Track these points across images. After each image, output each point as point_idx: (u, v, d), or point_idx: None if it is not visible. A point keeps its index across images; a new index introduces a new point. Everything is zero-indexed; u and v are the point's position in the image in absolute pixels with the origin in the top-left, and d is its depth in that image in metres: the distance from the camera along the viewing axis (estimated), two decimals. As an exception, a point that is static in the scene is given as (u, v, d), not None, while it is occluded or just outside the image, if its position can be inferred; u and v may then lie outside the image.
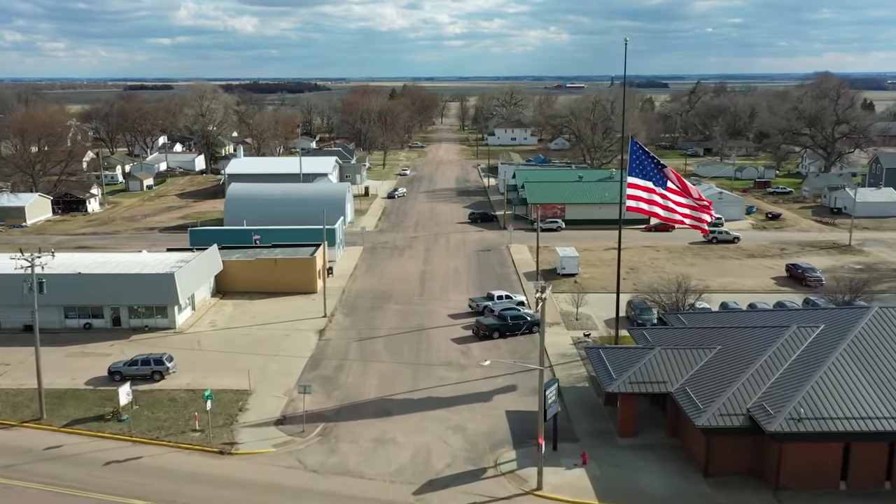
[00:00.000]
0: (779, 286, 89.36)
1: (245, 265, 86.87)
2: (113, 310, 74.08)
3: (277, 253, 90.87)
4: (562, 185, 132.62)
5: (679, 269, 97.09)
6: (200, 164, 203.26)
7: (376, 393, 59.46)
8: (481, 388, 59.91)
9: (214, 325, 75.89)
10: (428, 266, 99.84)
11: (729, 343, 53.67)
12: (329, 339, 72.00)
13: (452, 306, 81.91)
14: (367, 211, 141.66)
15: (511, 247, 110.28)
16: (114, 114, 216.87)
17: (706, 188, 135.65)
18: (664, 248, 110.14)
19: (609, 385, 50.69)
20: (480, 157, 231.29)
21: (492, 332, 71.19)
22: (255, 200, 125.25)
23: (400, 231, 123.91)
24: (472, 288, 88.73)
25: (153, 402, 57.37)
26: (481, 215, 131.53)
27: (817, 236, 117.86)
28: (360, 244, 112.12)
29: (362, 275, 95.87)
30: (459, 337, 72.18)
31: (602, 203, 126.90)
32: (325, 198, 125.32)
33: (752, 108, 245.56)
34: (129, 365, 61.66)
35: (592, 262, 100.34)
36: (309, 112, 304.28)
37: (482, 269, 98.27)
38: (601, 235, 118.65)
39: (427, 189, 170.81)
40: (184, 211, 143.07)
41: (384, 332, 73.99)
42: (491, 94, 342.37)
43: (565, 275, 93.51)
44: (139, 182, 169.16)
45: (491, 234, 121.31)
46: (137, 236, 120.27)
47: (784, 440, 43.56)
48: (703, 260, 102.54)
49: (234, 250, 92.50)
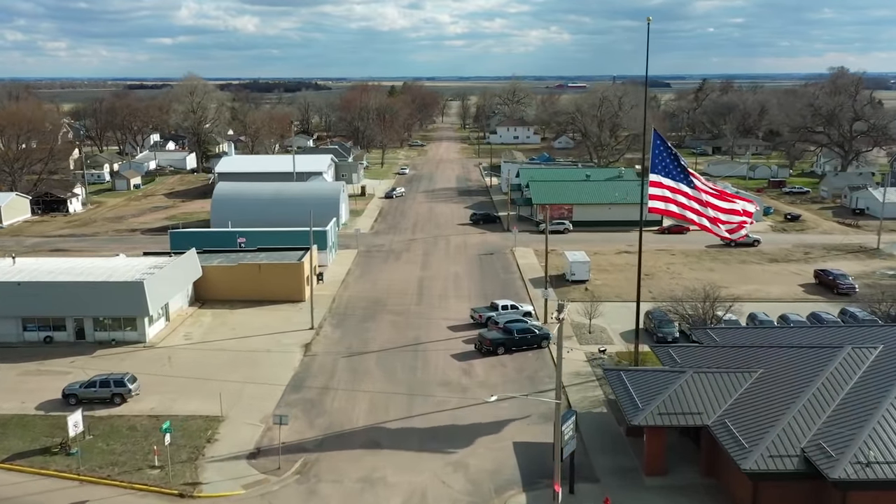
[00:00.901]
0: (808, 294, 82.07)
1: (226, 271, 79.66)
2: (76, 321, 66.84)
3: (262, 257, 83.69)
4: (568, 185, 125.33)
5: (698, 274, 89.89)
6: (192, 162, 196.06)
7: (365, 420, 52.21)
8: (485, 414, 52.67)
9: (189, 338, 68.63)
10: (426, 271, 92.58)
11: (771, 366, 46.42)
12: (315, 354, 64.76)
13: (453, 316, 74.67)
14: (363, 211, 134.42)
15: (515, 250, 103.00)
16: (103, 111, 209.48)
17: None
18: (680, 251, 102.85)
19: (635, 416, 43.42)
20: (482, 156, 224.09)
21: (496, 348, 63.93)
22: (244, 200, 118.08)
23: (397, 233, 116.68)
24: (474, 296, 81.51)
25: (110, 432, 50.14)
26: (483, 216, 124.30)
27: (842, 239, 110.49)
28: (354, 247, 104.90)
29: (355, 281, 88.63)
30: (460, 352, 64.93)
31: (612, 203, 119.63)
32: (317, 197, 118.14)
33: (761, 105, 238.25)
34: (86, 387, 54.44)
35: (604, 268, 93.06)
36: (306, 110, 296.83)
37: (485, 274, 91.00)
38: (612, 238, 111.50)
39: (426, 188, 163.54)
40: (170, 211, 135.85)
41: (377, 346, 66.75)
42: (493, 92, 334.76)
43: (575, 281, 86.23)
44: (126, 181, 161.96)
45: (494, 236, 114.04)
46: (118, 239, 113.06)
47: (850, 489, 36.35)
48: (722, 265, 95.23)
49: (216, 254, 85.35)
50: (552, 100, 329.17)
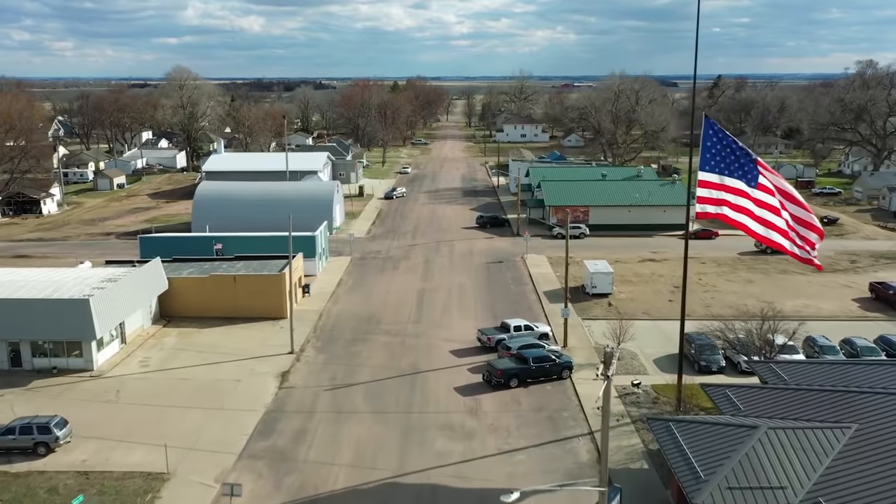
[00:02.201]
0: (866, 311, 71.38)
1: (197, 283, 69.31)
2: (11, 345, 56.56)
3: (240, 267, 73.36)
4: (584, 185, 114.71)
5: (735, 287, 79.31)
6: (183, 160, 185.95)
7: (346, 480, 41.73)
8: (496, 471, 42.18)
9: (147, 364, 58.27)
10: (427, 282, 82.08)
11: (868, 418, 35.87)
12: (293, 386, 54.34)
13: (456, 337, 64.21)
14: (360, 213, 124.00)
15: (527, 258, 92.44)
16: (90, 107, 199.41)
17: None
18: (710, 259, 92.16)
19: (697, 493, 32.82)
20: (489, 155, 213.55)
21: (508, 379, 53.44)
22: (228, 202, 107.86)
23: (396, 238, 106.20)
24: (482, 313, 71.03)
25: (24, 496, 39.79)
26: (491, 219, 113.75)
27: (891, 246, 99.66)
28: (347, 253, 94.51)
29: (346, 293, 78.19)
30: (465, 385, 54.44)
31: (632, 205, 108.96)
32: (309, 199, 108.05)
33: (781, 102, 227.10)
34: (2, 434, 44.09)
35: (627, 278, 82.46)
36: (306, 107, 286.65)
37: (493, 286, 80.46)
38: (633, 244, 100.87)
39: (429, 189, 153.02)
40: (151, 213, 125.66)
41: (366, 375, 56.29)
42: (499, 89, 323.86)
43: (596, 295, 75.66)
44: (108, 180, 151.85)
45: (502, 241, 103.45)
46: (90, 243, 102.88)
47: None
48: (761, 276, 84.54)
49: (188, 263, 75.13)
50: (560, 98, 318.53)
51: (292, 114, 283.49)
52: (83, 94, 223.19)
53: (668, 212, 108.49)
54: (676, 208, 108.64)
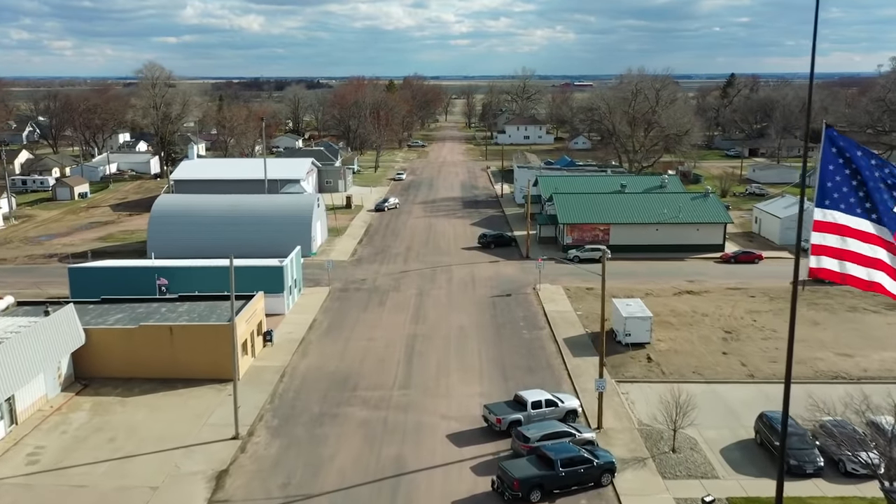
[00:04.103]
0: (977, 369, 56.26)
1: (123, 336, 54.17)
2: None
3: (183, 311, 58.26)
4: (602, 199, 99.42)
5: (800, 331, 63.84)
6: (157, 165, 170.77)
7: None
8: None
9: (36, 461, 43.08)
10: (420, 325, 66.88)
11: None
12: (228, 500, 39.18)
13: (456, 411, 49.15)
14: (346, 229, 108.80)
15: (540, 289, 77.31)
16: (58, 107, 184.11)
17: (792, 202, 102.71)
18: (759, 291, 77.05)
19: None
20: (490, 158, 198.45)
21: (528, 491, 38.30)
22: (190, 219, 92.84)
23: (385, 261, 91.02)
24: (488, 372, 55.90)
25: None
26: (495, 238, 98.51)
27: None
28: (326, 283, 79.43)
29: (319, 340, 63.03)
30: (468, 497, 39.33)
31: (660, 223, 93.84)
32: (284, 215, 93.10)
33: (803, 102, 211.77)
34: None
35: (664, 318, 67.31)
36: (296, 107, 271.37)
37: (501, 331, 65.25)
38: (662, 270, 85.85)
39: (425, 199, 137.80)
40: (109, 229, 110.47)
41: (332, 479, 41.13)
42: (501, 88, 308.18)
43: (631, 345, 60.53)
44: (69, 189, 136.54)
45: (509, 266, 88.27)
46: (25, 269, 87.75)
47: None
48: (827, 314, 69.42)
49: (120, 306, 60.04)
50: (564, 97, 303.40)
51: (282, 114, 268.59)
52: (50, 94, 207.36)
53: (702, 230, 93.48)
54: (711, 226, 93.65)
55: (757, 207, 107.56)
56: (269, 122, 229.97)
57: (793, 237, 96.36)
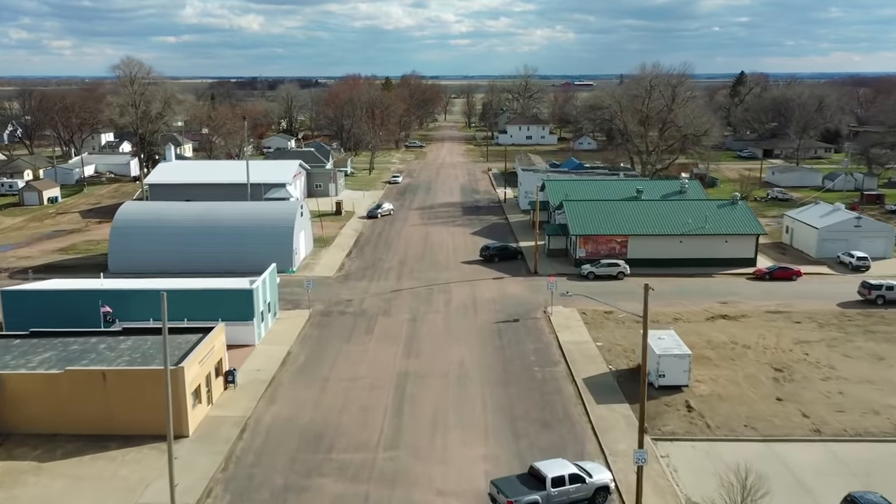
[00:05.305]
0: None
1: (46, 383, 44.07)
2: None
3: (126, 349, 48.17)
4: (617, 207, 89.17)
5: (862, 369, 54.22)
6: (137, 167, 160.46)
7: None
8: None
9: None
10: (412, 360, 56.69)
11: None
12: None
13: (455, 485, 39.01)
14: (334, 239, 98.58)
15: (552, 312, 67.13)
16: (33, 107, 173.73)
17: (828, 210, 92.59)
18: (804, 315, 66.89)
19: None
20: (492, 159, 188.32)
21: None
22: (157, 230, 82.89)
23: (375, 278, 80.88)
24: (494, 426, 45.75)
25: None
26: (499, 251, 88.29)
27: None
28: (306, 305, 69.28)
29: (292, 381, 52.88)
30: None
31: (684, 234, 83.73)
32: (263, 225, 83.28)
33: (819, 100, 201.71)
34: None
35: (700, 351, 57.12)
36: (290, 106, 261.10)
37: (509, 368, 55.09)
38: (689, 288, 75.68)
39: (422, 204, 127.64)
40: (72, 238, 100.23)
41: (291, 593, 31.04)
42: (502, 87, 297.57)
43: (665, 387, 50.43)
44: (37, 193, 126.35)
45: (516, 284, 78.07)
46: (-31, 286, 77.35)
47: None
48: (889, 345, 59.28)
49: (51, 341, 49.98)
50: (567, 96, 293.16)
51: (274, 113, 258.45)
52: (23, 92, 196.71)
53: (731, 242, 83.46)
54: (742, 238, 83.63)
55: (788, 215, 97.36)
56: (259, 122, 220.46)
57: (832, 250, 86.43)
